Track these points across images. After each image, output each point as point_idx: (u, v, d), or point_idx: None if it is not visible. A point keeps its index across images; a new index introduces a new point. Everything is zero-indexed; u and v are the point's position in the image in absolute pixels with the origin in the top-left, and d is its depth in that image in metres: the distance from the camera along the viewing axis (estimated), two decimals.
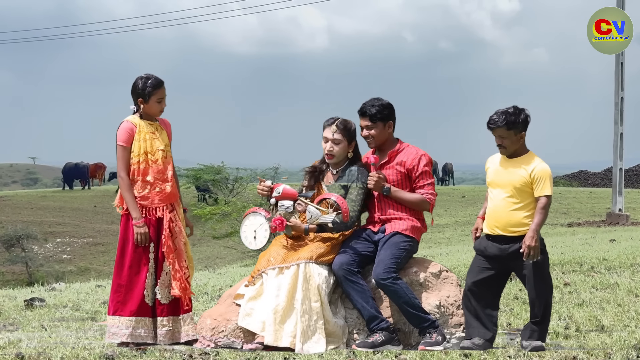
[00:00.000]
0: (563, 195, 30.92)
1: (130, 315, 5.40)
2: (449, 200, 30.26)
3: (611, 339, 5.47)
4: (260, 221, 5.51)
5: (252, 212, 5.57)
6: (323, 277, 5.34)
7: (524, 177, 5.22)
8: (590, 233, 16.40)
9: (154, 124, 5.63)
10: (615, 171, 20.25)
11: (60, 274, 24.51)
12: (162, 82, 5.55)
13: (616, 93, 19.96)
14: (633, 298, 7.15)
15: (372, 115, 5.58)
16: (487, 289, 5.32)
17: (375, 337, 5.28)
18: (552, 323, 6.24)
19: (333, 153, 5.57)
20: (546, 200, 5.19)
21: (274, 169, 25.82)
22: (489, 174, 5.43)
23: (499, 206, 5.28)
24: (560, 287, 7.84)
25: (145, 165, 5.51)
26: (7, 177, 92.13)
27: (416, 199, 5.57)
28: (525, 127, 5.29)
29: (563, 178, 47.39)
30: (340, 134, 5.55)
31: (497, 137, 5.30)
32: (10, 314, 7.55)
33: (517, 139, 5.27)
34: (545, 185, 5.20)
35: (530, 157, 5.30)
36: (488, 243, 5.33)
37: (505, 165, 5.33)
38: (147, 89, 5.51)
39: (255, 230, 5.53)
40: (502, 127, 5.25)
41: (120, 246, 5.50)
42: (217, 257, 23.25)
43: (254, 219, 5.54)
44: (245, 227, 5.57)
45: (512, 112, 5.26)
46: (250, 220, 5.56)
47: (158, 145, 5.57)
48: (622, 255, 9.60)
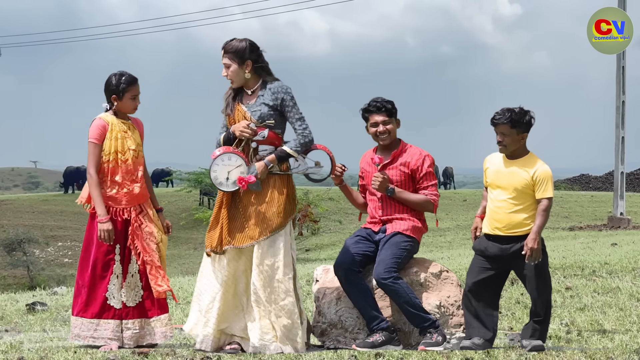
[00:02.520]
0: (564, 199, 30.92)
1: (92, 318, 5.32)
2: (451, 204, 30.28)
3: (613, 343, 5.47)
4: (237, 163, 5.11)
5: (227, 152, 5.13)
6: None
7: (526, 179, 5.24)
8: (592, 237, 16.40)
9: (126, 122, 5.52)
10: (617, 175, 20.25)
11: (61, 278, 24.54)
12: (136, 79, 5.45)
13: (617, 97, 19.98)
14: (635, 302, 7.15)
15: (389, 110, 5.59)
16: (488, 289, 5.34)
17: (375, 337, 5.28)
18: (553, 327, 6.25)
19: (228, 77, 5.30)
20: (548, 203, 5.21)
21: None
22: (489, 174, 5.43)
23: (500, 207, 5.29)
24: (562, 291, 7.83)
25: (114, 165, 5.40)
26: (8, 180, 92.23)
27: (420, 199, 5.58)
28: (528, 128, 5.31)
29: (564, 182, 47.38)
30: (227, 58, 5.27)
31: (498, 134, 5.32)
32: (12, 318, 7.56)
33: (518, 139, 5.30)
34: (547, 188, 5.22)
35: (532, 159, 5.32)
36: (488, 243, 5.35)
37: (507, 166, 5.34)
38: (122, 85, 5.40)
39: (229, 172, 5.12)
40: (506, 124, 5.27)
41: (85, 246, 5.44)
42: None
43: (229, 161, 5.11)
44: (217, 167, 5.12)
45: (518, 111, 5.30)
46: (224, 160, 5.12)
47: (129, 145, 5.44)
48: (623, 260, 9.60)
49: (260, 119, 5.17)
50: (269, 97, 5.22)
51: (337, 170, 5.53)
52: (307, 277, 9.90)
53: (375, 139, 5.65)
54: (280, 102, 5.21)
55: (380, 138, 5.62)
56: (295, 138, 5.21)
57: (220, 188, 5.12)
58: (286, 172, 5.23)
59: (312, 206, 21.17)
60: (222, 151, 5.12)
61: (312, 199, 21.02)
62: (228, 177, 5.08)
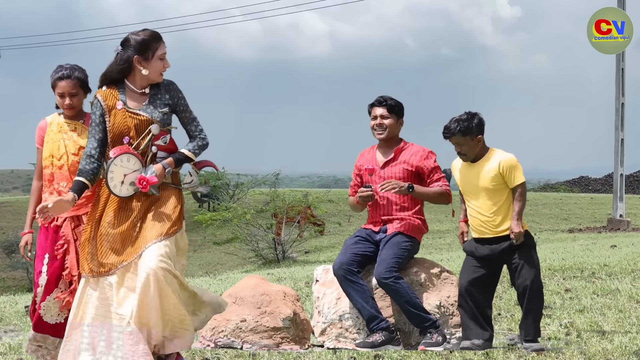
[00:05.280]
0: (564, 201, 30.93)
1: (33, 330, 4.76)
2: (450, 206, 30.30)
3: (612, 344, 5.47)
4: (135, 167, 4.45)
5: (128, 153, 4.46)
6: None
7: (494, 173, 5.32)
8: (591, 239, 16.39)
9: (74, 122, 4.88)
10: (616, 177, 20.25)
11: None
12: (68, 75, 4.79)
13: (617, 99, 19.98)
14: (634, 304, 7.15)
15: (390, 106, 5.66)
16: (481, 287, 5.39)
17: (375, 337, 5.29)
18: (553, 328, 6.26)
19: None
20: (522, 188, 5.33)
21: (275, 174, 25.83)
22: (460, 183, 5.54)
23: (479, 213, 5.41)
24: (562, 292, 7.83)
25: (51, 171, 4.82)
26: (8, 183, 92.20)
27: (438, 191, 5.62)
28: (481, 130, 5.38)
29: (564, 184, 47.39)
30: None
31: (455, 145, 5.40)
32: (12, 320, 7.55)
33: (474, 144, 5.36)
34: (517, 175, 5.32)
35: (493, 153, 5.42)
36: (478, 245, 5.44)
37: (470, 169, 5.42)
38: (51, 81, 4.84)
39: (125, 175, 4.45)
40: (458, 135, 5.36)
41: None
42: (218, 263, 23.23)
43: (128, 163, 4.44)
44: (115, 168, 4.40)
45: (465, 118, 5.37)
46: (123, 161, 4.43)
47: (70, 148, 4.82)
48: (623, 261, 9.60)
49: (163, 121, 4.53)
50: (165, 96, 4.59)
51: (367, 192, 5.52)
52: (307, 278, 9.90)
53: (373, 133, 5.71)
54: (175, 102, 4.60)
55: (376, 131, 5.68)
56: (192, 141, 4.61)
57: (114, 191, 4.42)
58: (178, 185, 4.61)
59: (312, 208, 21.16)
60: (122, 151, 4.46)
61: (311, 201, 21.02)
62: (123, 180, 4.45)
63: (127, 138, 4.49)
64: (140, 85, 4.54)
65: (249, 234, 20.31)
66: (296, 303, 5.67)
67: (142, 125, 4.48)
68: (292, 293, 5.73)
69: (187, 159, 4.58)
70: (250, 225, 20.19)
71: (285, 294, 5.64)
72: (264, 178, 27.65)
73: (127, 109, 4.49)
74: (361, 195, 5.55)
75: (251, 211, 20.23)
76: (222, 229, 20.93)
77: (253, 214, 20.18)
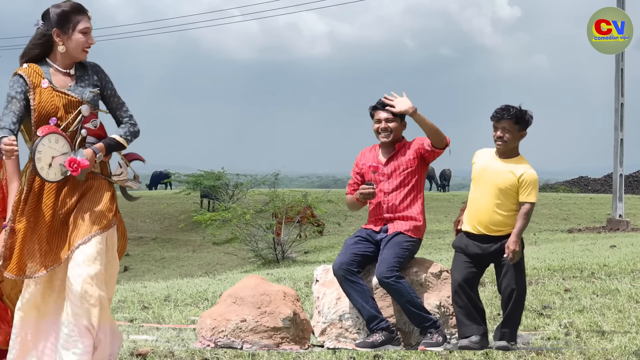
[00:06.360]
0: (563, 201, 30.93)
1: None
2: (449, 206, 30.22)
3: (612, 344, 5.47)
4: (64, 150, 4.12)
5: (56, 133, 4.12)
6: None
7: (512, 180, 5.31)
8: (591, 239, 16.40)
9: None
10: (616, 177, 20.27)
11: None
12: None
13: (616, 99, 20.00)
14: (633, 304, 7.15)
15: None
16: (473, 283, 5.42)
17: (375, 337, 5.29)
18: (552, 328, 6.27)
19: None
20: (530, 207, 5.31)
21: (274, 175, 25.82)
22: (475, 169, 5.50)
23: (481, 204, 5.38)
24: (561, 293, 7.83)
25: None
26: None
27: (437, 127, 5.50)
28: (527, 126, 5.39)
29: (563, 184, 47.41)
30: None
31: (500, 129, 5.35)
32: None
33: (519, 136, 5.38)
34: (532, 192, 5.30)
35: (521, 161, 5.40)
36: (469, 242, 5.44)
37: (495, 164, 5.40)
38: None
39: (53, 157, 4.09)
40: (510, 120, 5.33)
41: None
42: (217, 263, 23.22)
43: (56, 144, 4.10)
44: (44, 148, 4.06)
45: (519, 108, 5.37)
46: (51, 141, 4.09)
47: None
48: (622, 262, 9.60)
49: (93, 102, 4.26)
50: (93, 77, 4.32)
51: (368, 190, 5.52)
52: (306, 278, 9.90)
53: (377, 136, 5.70)
54: (104, 85, 4.34)
55: (381, 135, 5.66)
56: (122, 127, 4.34)
57: (41, 174, 4.05)
58: (107, 177, 4.33)
59: (312, 208, 21.15)
60: (50, 130, 4.11)
61: (310, 202, 21.01)
62: (51, 163, 4.08)
63: (54, 119, 4.16)
64: (64, 63, 4.24)
65: (248, 234, 20.31)
66: (296, 303, 5.67)
67: (71, 105, 4.19)
68: (292, 293, 5.73)
69: (119, 145, 4.30)
70: (249, 225, 20.19)
71: (285, 294, 5.65)
72: (263, 178, 27.64)
73: (54, 87, 4.19)
74: (362, 193, 5.55)
75: (250, 211, 20.22)
76: (222, 229, 20.92)
77: (252, 214, 20.17)
